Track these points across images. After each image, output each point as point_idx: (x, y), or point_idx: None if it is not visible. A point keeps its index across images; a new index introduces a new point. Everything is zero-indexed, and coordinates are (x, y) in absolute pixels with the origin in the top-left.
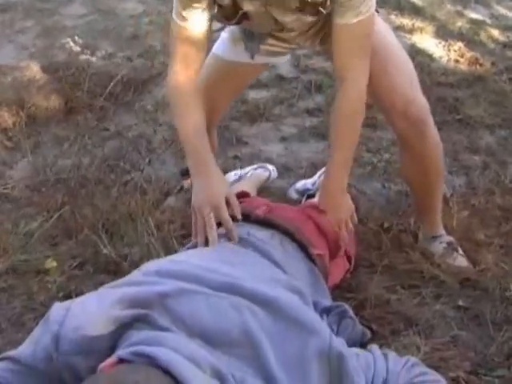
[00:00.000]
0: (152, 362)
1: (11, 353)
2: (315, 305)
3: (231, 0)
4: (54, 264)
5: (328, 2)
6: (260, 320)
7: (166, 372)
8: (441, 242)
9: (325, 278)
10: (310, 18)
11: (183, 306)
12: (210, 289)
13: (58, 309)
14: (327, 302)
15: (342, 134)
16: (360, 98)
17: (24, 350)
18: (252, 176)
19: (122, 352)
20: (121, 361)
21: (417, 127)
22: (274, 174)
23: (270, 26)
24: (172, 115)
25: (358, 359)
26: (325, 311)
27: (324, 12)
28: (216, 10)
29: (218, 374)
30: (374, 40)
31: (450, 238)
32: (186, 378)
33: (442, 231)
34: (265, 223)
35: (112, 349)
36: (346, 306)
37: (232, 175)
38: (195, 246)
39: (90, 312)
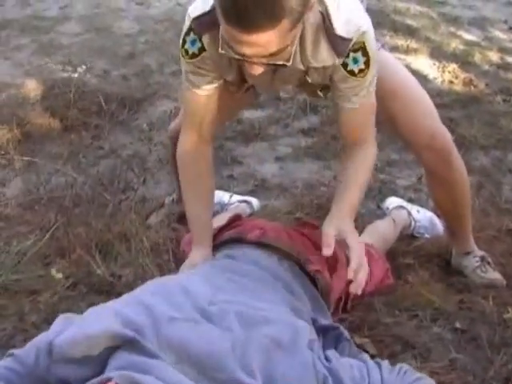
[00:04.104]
0: None
1: (16, 351)
2: (314, 321)
3: (238, 75)
4: (60, 275)
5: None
6: (249, 344)
7: None
8: (474, 257)
9: (326, 293)
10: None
11: (173, 333)
12: (201, 314)
13: (61, 320)
14: (325, 320)
15: (355, 185)
16: (369, 168)
17: (25, 351)
18: (237, 208)
19: (112, 373)
20: (109, 380)
21: (442, 157)
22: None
23: (272, 93)
24: (181, 178)
25: (351, 371)
26: (322, 330)
27: (322, 96)
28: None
29: None
30: (390, 81)
31: (482, 253)
32: None
33: (474, 247)
34: (260, 245)
35: (101, 363)
36: (342, 328)
37: (218, 196)
38: None
39: (86, 326)
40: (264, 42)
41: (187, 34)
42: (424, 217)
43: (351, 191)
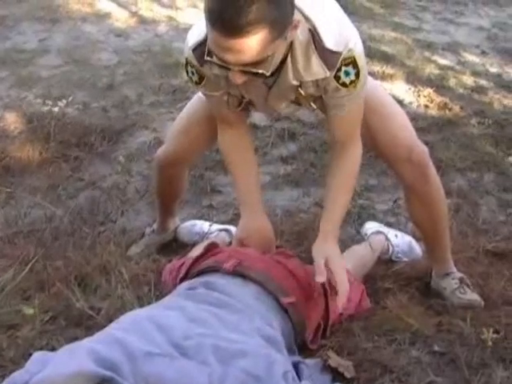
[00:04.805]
0: None
1: None
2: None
3: (237, 92)
4: (31, 311)
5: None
6: (225, 378)
7: None
8: (453, 278)
9: (299, 325)
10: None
11: (149, 369)
12: (176, 349)
13: (35, 359)
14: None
15: (343, 191)
16: (357, 162)
17: None
18: (217, 237)
19: None
20: None
21: (419, 170)
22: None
23: (268, 112)
24: (226, 162)
25: None
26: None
27: (314, 107)
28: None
29: None
30: (370, 98)
31: (461, 275)
32: None
33: (453, 268)
34: (236, 275)
35: None
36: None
37: (198, 226)
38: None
39: (61, 367)
40: (245, 48)
41: (186, 65)
42: (402, 241)
43: (337, 204)
